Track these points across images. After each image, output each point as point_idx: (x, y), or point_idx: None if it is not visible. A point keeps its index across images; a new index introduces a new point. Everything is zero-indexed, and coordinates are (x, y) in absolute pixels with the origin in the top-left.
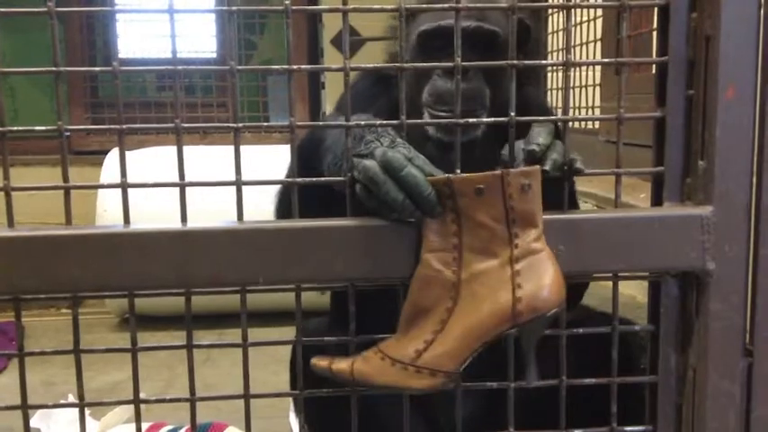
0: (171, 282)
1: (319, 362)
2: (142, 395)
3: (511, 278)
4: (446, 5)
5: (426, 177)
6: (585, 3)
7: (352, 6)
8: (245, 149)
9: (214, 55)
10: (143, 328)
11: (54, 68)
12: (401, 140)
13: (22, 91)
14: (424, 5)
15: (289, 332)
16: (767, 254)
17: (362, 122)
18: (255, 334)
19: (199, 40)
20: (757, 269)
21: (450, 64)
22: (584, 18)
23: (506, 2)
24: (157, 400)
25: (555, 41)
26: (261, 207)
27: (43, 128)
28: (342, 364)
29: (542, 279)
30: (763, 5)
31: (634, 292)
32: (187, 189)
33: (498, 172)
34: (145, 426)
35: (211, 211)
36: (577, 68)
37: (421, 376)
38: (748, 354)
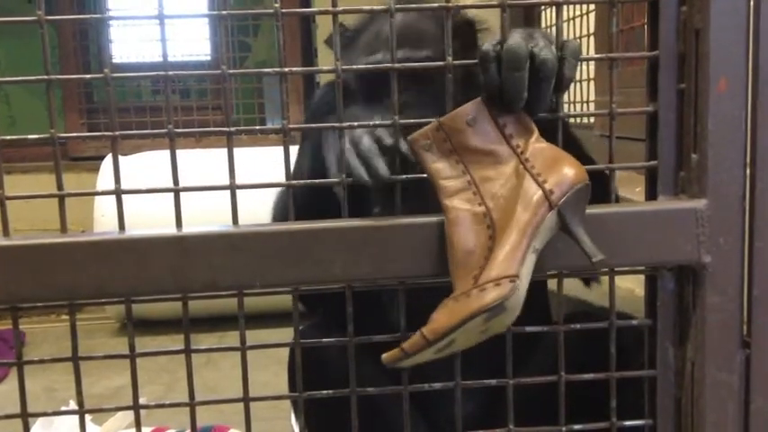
0: (168, 287)
1: (389, 355)
2: (143, 400)
3: (530, 175)
4: (431, 3)
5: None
6: None
7: (342, 8)
8: (241, 152)
9: (208, 58)
10: (144, 332)
11: (45, 77)
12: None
13: (17, 98)
14: (412, 5)
15: (289, 333)
16: (762, 246)
17: (356, 124)
18: (255, 335)
19: (192, 42)
20: (753, 261)
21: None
22: (577, 13)
23: (498, 1)
24: (157, 406)
25: None
26: (257, 208)
27: (36, 136)
28: (412, 339)
29: (559, 162)
30: None
31: (632, 285)
32: (183, 192)
33: (478, 98)
34: (147, 430)
35: (210, 212)
36: None
37: (486, 292)
38: (746, 345)
